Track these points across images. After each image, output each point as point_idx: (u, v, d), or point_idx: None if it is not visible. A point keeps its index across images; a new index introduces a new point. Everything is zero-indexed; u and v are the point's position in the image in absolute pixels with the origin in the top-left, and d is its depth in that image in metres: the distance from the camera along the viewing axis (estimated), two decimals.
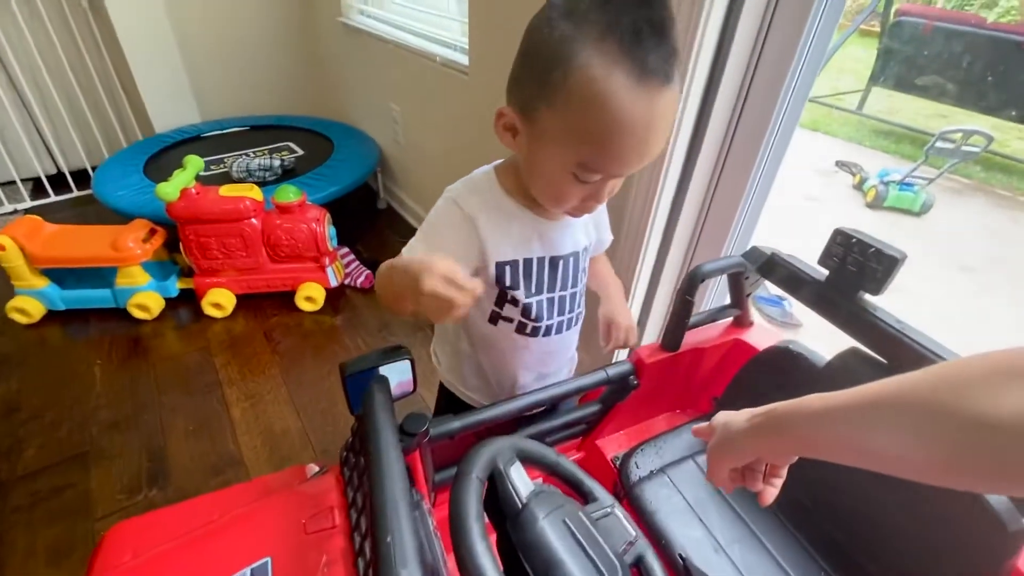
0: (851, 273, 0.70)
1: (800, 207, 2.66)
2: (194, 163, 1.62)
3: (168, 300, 1.81)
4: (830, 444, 0.40)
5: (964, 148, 2.71)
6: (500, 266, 0.64)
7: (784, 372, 0.81)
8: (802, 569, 0.74)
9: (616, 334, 0.80)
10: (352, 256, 2.06)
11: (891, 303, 0.70)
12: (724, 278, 0.86)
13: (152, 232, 1.72)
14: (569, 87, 0.47)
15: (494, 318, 0.70)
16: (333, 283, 1.84)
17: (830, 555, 0.75)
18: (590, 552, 0.43)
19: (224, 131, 2.52)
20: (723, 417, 0.51)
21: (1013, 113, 3.09)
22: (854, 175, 3.00)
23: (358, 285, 1.94)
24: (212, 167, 2.18)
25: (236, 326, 1.77)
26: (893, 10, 3.48)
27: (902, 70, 3.49)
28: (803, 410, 0.42)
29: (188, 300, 1.81)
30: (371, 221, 2.45)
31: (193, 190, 1.60)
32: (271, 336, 1.73)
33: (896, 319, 0.68)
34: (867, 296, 0.71)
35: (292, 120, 2.64)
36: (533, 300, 0.68)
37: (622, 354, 1.34)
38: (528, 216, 0.63)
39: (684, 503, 0.80)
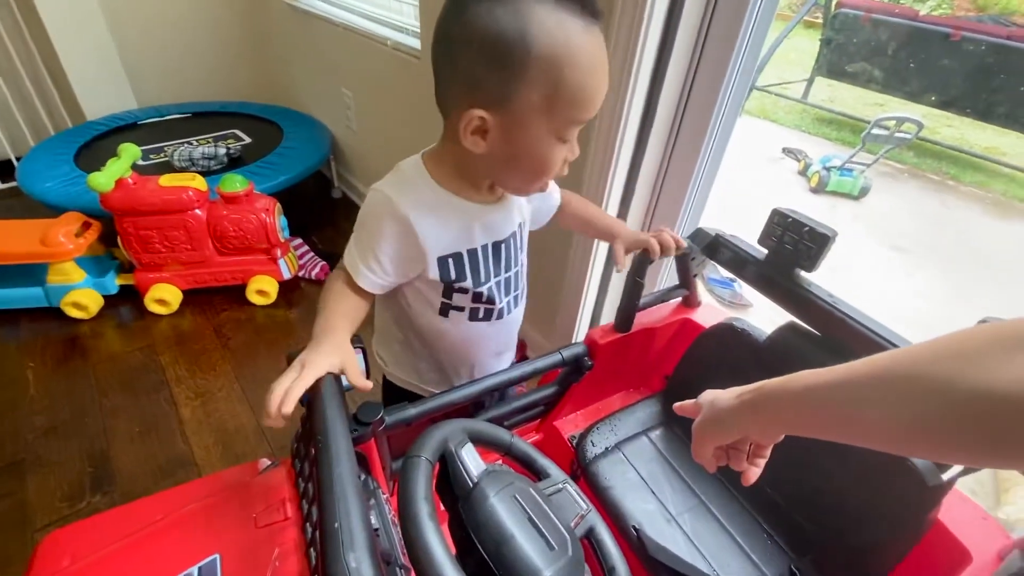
0: (788, 251, 0.74)
1: (748, 193, 2.75)
2: (130, 151, 1.53)
3: (107, 297, 1.70)
4: (823, 420, 0.39)
5: (897, 135, 2.87)
6: (442, 260, 0.63)
7: (729, 348, 0.84)
8: (747, 532, 0.78)
9: (665, 239, 0.75)
10: (306, 247, 2.00)
11: (832, 281, 0.74)
12: (673, 260, 0.89)
13: (86, 225, 1.62)
14: (536, 56, 0.48)
15: (444, 310, 0.69)
16: (286, 275, 1.78)
17: (771, 518, 0.79)
18: (540, 526, 0.44)
19: (163, 118, 2.39)
20: (710, 395, 0.50)
21: (933, 98, 3.30)
22: (799, 161, 3.14)
23: (313, 277, 1.89)
24: (151, 156, 2.06)
25: (183, 323, 1.70)
26: (835, 2, 3.64)
27: (842, 60, 3.66)
28: (794, 385, 0.40)
29: (130, 297, 1.72)
30: (326, 211, 2.38)
31: (130, 180, 1.51)
32: (221, 332, 1.67)
33: (828, 293, 0.72)
34: (803, 273, 0.75)
35: (238, 106, 2.52)
36: (483, 287, 0.67)
37: (580, 335, 1.37)
38: (466, 205, 0.62)
39: (638, 477, 0.83)
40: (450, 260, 0.63)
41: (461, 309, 0.69)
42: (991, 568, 0.58)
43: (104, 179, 1.44)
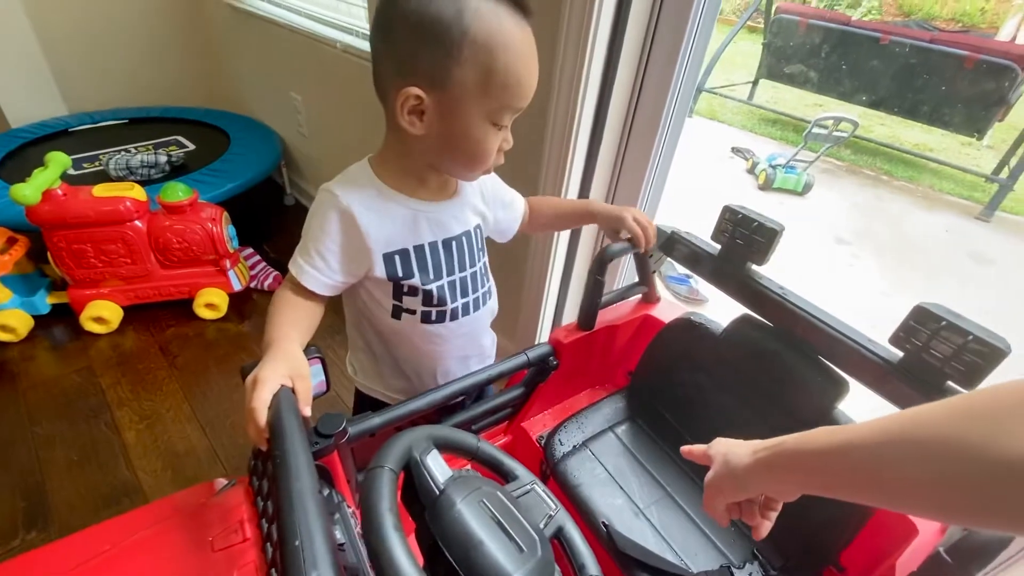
0: (739, 246, 0.76)
1: (702, 191, 2.84)
2: (58, 160, 1.43)
3: (38, 318, 1.59)
4: (848, 480, 0.37)
5: (836, 133, 3.04)
6: (388, 256, 0.63)
7: (688, 341, 0.86)
8: (712, 520, 0.79)
9: (637, 232, 0.76)
10: (258, 257, 1.92)
11: (780, 273, 0.77)
12: (631, 258, 0.91)
13: (11, 241, 1.50)
14: (472, 37, 0.50)
15: (396, 312, 0.68)
16: (237, 287, 1.71)
17: None
18: (509, 529, 0.43)
19: (97, 124, 2.25)
20: (723, 447, 0.48)
21: (864, 97, 3.52)
22: (747, 160, 3.27)
23: (266, 288, 1.82)
24: (85, 165, 1.94)
25: (125, 341, 1.60)
26: (774, 8, 3.82)
27: (782, 62, 3.85)
28: (813, 445, 0.39)
29: (64, 316, 1.61)
30: (278, 219, 2.30)
31: (59, 191, 1.41)
32: (168, 349, 1.58)
33: (779, 285, 0.75)
34: (754, 266, 0.77)
35: (180, 112, 2.40)
36: (434, 286, 0.66)
37: (543, 335, 1.37)
38: (412, 203, 0.63)
39: (606, 473, 0.84)
40: (396, 256, 0.63)
41: (412, 312, 0.68)
42: (936, 540, 0.61)
43: (29, 191, 1.34)
